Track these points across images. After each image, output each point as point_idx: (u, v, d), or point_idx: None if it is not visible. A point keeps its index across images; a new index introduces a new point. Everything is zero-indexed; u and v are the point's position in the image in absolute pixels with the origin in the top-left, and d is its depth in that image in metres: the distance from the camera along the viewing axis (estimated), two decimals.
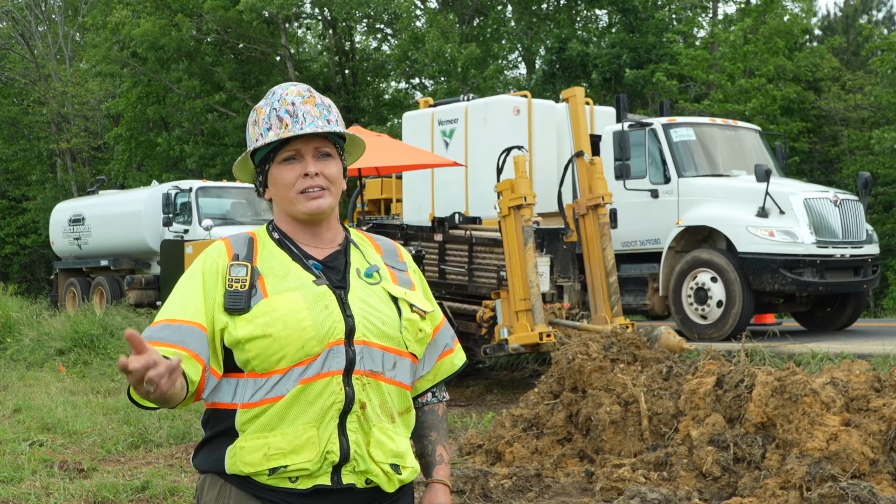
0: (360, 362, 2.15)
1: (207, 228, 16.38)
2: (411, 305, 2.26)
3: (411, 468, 2.26)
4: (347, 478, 2.14)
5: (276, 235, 2.26)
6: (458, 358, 2.44)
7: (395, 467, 2.20)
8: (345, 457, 2.12)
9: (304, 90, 2.25)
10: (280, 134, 2.18)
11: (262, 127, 2.22)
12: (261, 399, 2.12)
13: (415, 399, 2.36)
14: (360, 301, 2.19)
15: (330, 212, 2.25)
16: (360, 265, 2.27)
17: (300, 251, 2.24)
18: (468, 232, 10.90)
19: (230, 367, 2.16)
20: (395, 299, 2.25)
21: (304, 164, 2.20)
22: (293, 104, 2.21)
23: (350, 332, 2.15)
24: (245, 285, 2.14)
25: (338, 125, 2.25)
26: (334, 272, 2.23)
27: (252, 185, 2.35)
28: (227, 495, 2.15)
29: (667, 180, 11.36)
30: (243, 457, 2.12)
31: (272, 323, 2.10)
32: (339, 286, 2.20)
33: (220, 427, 2.17)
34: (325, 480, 2.12)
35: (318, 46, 34.07)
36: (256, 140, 2.23)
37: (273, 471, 2.11)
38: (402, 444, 2.23)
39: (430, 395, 2.41)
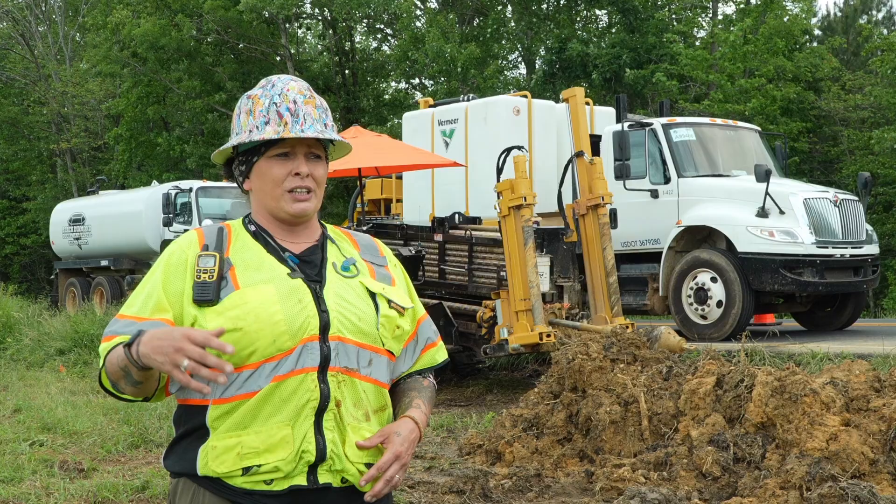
0: (335, 359, 2.11)
1: None
2: (389, 301, 2.22)
3: None
4: (324, 477, 2.10)
5: (251, 228, 2.23)
6: (439, 354, 2.39)
7: (370, 466, 2.16)
8: (321, 456, 2.09)
9: (304, 88, 2.22)
10: (280, 132, 2.14)
11: (258, 119, 2.18)
12: (232, 395, 2.08)
13: (398, 381, 2.32)
14: (336, 296, 2.15)
15: (313, 214, 2.23)
16: (336, 259, 2.23)
17: (276, 244, 2.21)
18: (468, 232, 10.90)
19: None
20: (372, 295, 2.21)
21: (297, 164, 2.17)
22: (295, 102, 2.18)
23: (325, 327, 2.11)
24: (213, 276, 2.09)
25: (332, 130, 2.23)
26: (310, 266, 2.19)
27: (226, 178, 2.34)
28: (200, 500, 2.11)
29: (667, 180, 11.36)
30: (216, 457, 2.08)
31: (243, 316, 2.06)
32: (315, 280, 2.16)
33: (192, 424, 2.12)
34: (301, 481, 2.09)
35: (318, 46, 34.09)
36: (251, 131, 2.18)
37: (246, 470, 2.07)
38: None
39: (415, 374, 2.35)
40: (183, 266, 2.13)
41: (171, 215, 17.87)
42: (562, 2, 28.23)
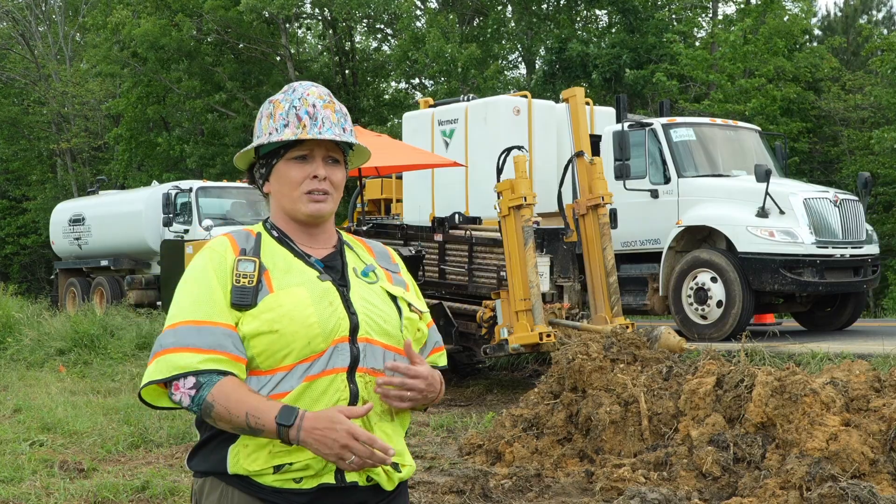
0: (363, 360, 2.15)
1: (207, 228, 16.38)
2: (409, 305, 2.29)
3: (409, 466, 2.27)
4: (351, 476, 2.13)
5: (275, 233, 2.27)
6: (441, 359, 2.45)
7: (395, 466, 2.20)
8: None
9: (325, 94, 2.26)
10: (298, 134, 2.19)
11: (278, 121, 2.22)
12: (266, 396, 2.10)
13: None
14: (362, 299, 2.21)
15: (329, 216, 2.27)
16: (356, 265, 2.29)
17: (299, 250, 2.25)
18: (468, 232, 10.90)
19: None
20: (394, 298, 2.27)
21: (315, 167, 2.22)
22: (314, 106, 2.22)
23: (354, 329, 2.16)
24: (253, 281, 2.13)
25: (351, 135, 2.27)
26: (333, 271, 2.24)
27: (248, 183, 2.36)
28: (229, 498, 2.13)
29: (667, 180, 11.36)
30: (248, 455, 2.10)
31: (278, 319, 2.10)
32: (342, 284, 2.22)
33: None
34: (330, 479, 2.12)
35: (319, 46, 34.09)
36: (270, 134, 2.22)
37: (277, 469, 2.09)
38: (400, 442, 2.24)
39: None
40: (224, 269, 2.16)
41: (171, 215, 17.84)
42: (562, 2, 28.23)
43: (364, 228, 11.60)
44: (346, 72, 30.92)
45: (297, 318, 2.10)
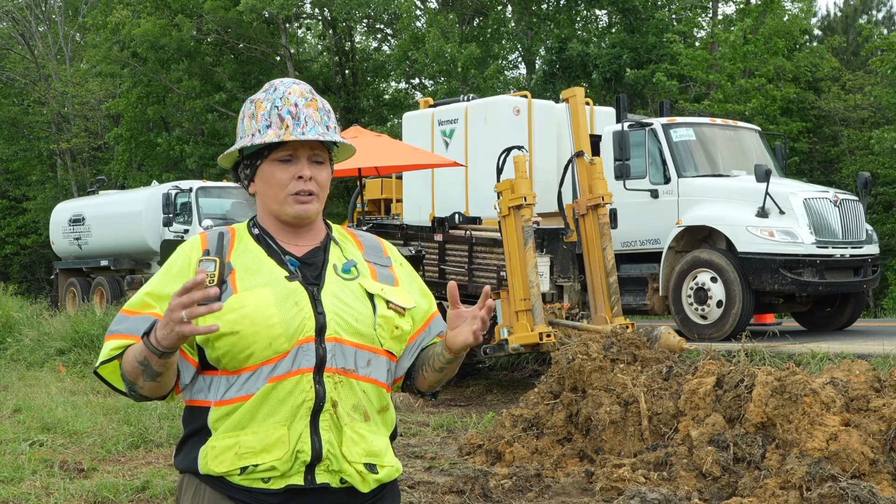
0: (331, 360, 2.12)
1: (207, 228, 16.36)
2: (388, 302, 2.23)
3: (390, 467, 2.23)
4: (321, 477, 2.12)
5: (255, 231, 2.24)
6: None
7: (371, 467, 2.17)
8: (317, 456, 2.10)
9: (306, 91, 2.22)
10: (281, 135, 2.15)
11: (260, 122, 2.19)
12: (233, 397, 2.11)
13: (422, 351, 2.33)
14: (334, 297, 2.17)
15: (315, 217, 2.24)
16: (337, 261, 2.25)
17: (278, 247, 2.22)
18: (468, 232, 10.90)
19: (205, 364, 2.15)
20: (370, 296, 2.22)
21: (299, 167, 2.18)
22: (296, 105, 2.18)
23: (321, 329, 2.12)
24: (213, 280, 2.08)
25: (335, 132, 2.24)
26: (311, 269, 2.21)
27: (234, 181, 2.35)
28: (201, 495, 2.15)
29: (667, 180, 11.36)
30: (215, 457, 2.11)
31: (239, 320, 2.08)
32: (313, 283, 2.18)
33: (196, 425, 2.16)
34: (299, 480, 2.11)
35: (318, 46, 34.09)
36: (253, 135, 2.19)
37: (243, 470, 2.09)
38: (378, 442, 2.20)
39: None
40: (186, 269, 2.16)
41: (171, 215, 17.85)
42: (562, 2, 28.24)
43: (364, 228, 11.60)
44: (346, 72, 30.92)
45: (258, 319, 2.08)
